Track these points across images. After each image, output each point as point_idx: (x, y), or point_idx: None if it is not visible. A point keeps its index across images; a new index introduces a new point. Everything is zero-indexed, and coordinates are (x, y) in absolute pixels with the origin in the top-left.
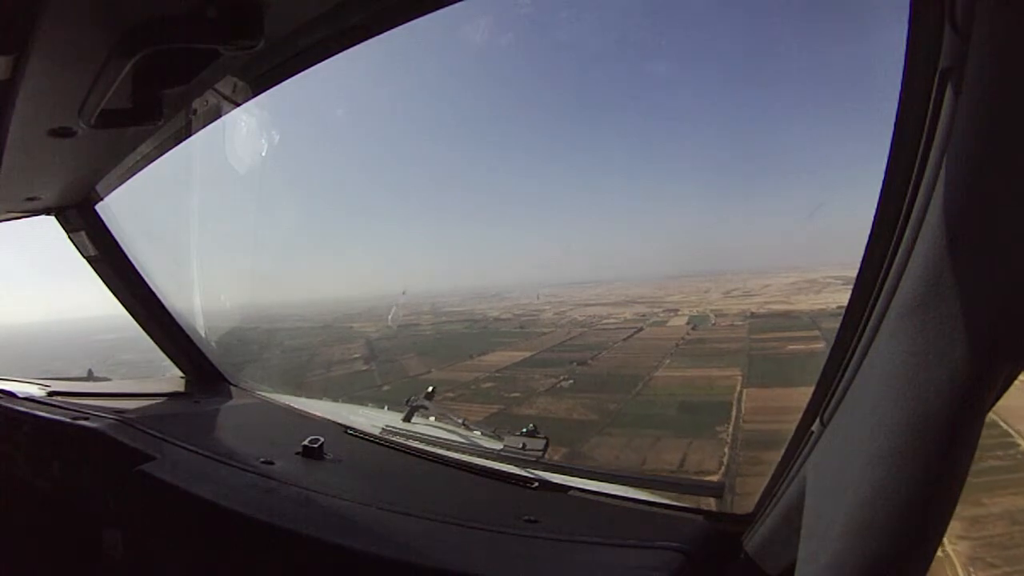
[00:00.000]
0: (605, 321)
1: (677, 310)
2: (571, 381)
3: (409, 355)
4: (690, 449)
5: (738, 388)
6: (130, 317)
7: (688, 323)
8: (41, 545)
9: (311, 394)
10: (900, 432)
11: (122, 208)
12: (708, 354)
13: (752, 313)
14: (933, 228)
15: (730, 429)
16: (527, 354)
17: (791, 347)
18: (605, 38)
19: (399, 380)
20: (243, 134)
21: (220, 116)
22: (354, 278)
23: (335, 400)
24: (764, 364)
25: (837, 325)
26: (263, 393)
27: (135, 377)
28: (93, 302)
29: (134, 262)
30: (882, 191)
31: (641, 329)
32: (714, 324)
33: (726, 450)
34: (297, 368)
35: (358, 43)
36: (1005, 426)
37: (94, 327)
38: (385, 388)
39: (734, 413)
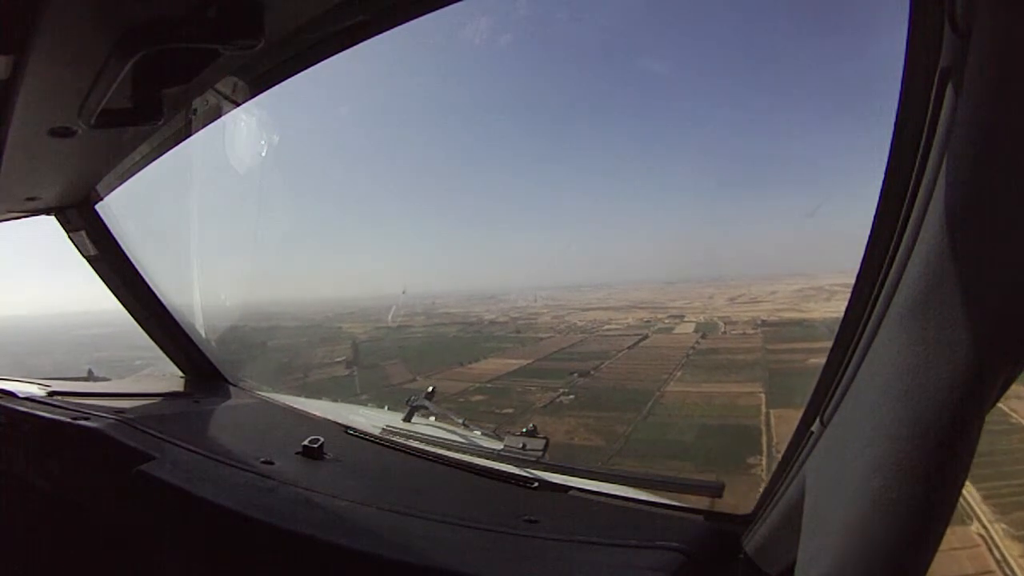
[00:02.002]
0: (607, 327)
1: (683, 316)
2: (572, 396)
3: (394, 360)
4: None
5: (763, 408)
6: (117, 314)
7: (696, 331)
8: (41, 545)
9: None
10: (900, 432)
11: (122, 208)
12: (723, 366)
13: (763, 321)
14: (933, 228)
15: (764, 461)
16: (523, 362)
17: (813, 360)
18: (605, 38)
19: (380, 388)
20: (243, 134)
21: (220, 116)
22: (352, 277)
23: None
24: (787, 379)
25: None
26: (263, 393)
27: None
28: (76, 297)
29: (134, 262)
30: (882, 191)
31: (646, 336)
32: (724, 332)
33: (763, 489)
34: (274, 372)
35: (358, 43)
36: None
37: (77, 322)
38: (363, 397)
39: (764, 440)
